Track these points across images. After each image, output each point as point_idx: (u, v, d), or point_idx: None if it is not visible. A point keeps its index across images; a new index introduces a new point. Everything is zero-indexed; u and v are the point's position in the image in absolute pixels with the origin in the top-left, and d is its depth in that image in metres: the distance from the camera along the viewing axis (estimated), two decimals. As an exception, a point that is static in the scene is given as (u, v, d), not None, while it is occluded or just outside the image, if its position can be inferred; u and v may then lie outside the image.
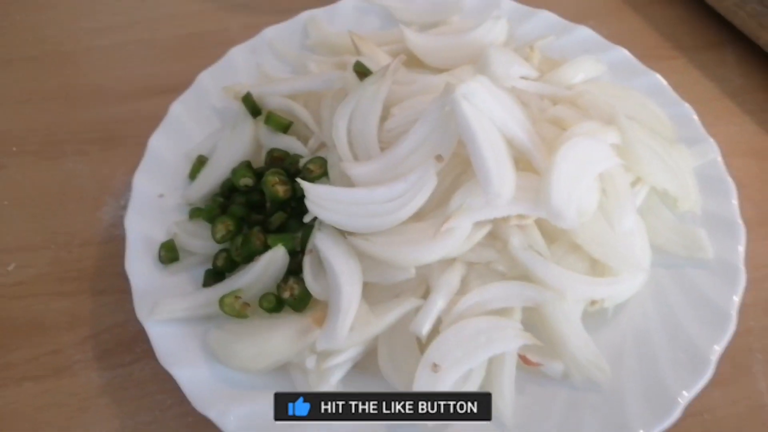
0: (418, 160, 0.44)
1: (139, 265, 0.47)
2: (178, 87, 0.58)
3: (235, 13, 0.71)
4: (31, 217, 0.56)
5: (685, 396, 0.42)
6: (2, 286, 0.52)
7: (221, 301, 0.44)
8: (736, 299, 0.46)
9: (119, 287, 0.48)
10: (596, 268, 0.46)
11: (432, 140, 0.44)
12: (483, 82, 0.44)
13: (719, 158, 0.52)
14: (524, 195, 0.43)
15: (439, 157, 0.44)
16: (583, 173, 0.44)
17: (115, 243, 0.52)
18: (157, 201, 0.51)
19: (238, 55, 0.60)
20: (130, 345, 0.48)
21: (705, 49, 0.67)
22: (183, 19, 0.71)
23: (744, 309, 0.50)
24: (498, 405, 0.42)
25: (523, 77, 0.53)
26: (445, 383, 0.41)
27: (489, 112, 0.43)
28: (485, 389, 0.43)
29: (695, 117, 0.55)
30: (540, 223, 0.45)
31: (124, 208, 0.50)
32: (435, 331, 0.42)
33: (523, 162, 0.46)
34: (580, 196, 0.43)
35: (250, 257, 0.45)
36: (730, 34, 0.67)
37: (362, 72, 0.49)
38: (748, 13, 0.63)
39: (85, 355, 0.48)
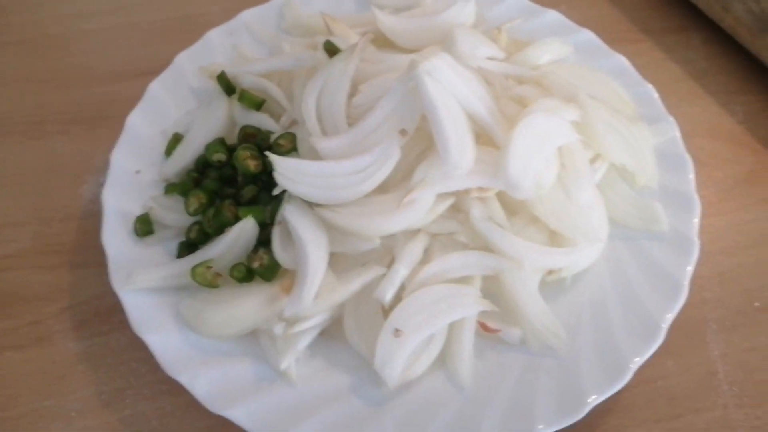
0: (383, 135, 0.46)
1: (116, 238, 0.49)
2: (158, 69, 0.60)
3: (216, -1, 0.73)
4: (15, 195, 0.57)
5: (637, 362, 0.44)
6: (-13, 258, 0.54)
7: (193, 270, 0.45)
8: (689, 269, 0.48)
9: (98, 261, 0.50)
10: (555, 239, 0.48)
11: (396, 115, 0.46)
12: (446, 60, 0.46)
13: (678, 136, 0.54)
14: (484, 168, 0.45)
15: (403, 132, 0.46)
16: (540, 147, 0.46)
17: (94, 218, 0.53)
18: (134, 177, 0.53)
19: (215, 37, 0.61)
20: (107, 315, 0.50)
21: (671, 32, 0.69)
22: (165, 4, 0.73)
23: (700, 281, 0.52)
24: (457, 368, 0.44)
25: (490, 58, 0.55)
26: (407, 348, 0.43)
27: (451, 88, 0.45)
28: (445, 354, 0.45)
29: (656, 96, 0.57)
30: (501, 197, 0.47)
31: (104, 185, 0.52)
32: (399, 299, 0.44)
33: (484, 137, 0.47)
34: (537, 169, 0.45)
35: (221, 229, 0.47)
36: (695, 18, 0.69)
37: (332, 51, 0.51)
38: (712, -2, 0.65)
39: (64, 325, 0.50)
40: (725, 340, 0.50)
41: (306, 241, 0.44)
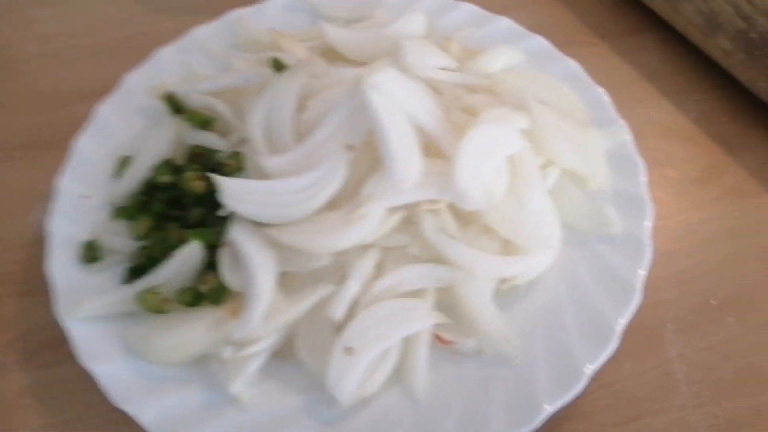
0: (330, 151, 0.45)
1: (62, 266, 0.48)
2: (107, 90, 0.59)
3: (167, 16, 0.72)
4: (-41, 223, 0.56)
5: (590, 368, 0.44)
6: (-70, 291, 0.52)
7: (138, 297, 0.45)
8: (642, 273, 0.48)
9: (45, 289, 0.49)
10: (508, 248, 0.48)
11: (343, 131, 0.45)
12: (392, 74, 0.45)
13: (629, 139, 0.54)
14: (433, 180, 0.45)
15: (350, 147, 0.45)
16: (489, 157, 0.45)
17: (41, 246, 0.52)
18: (81, 202, 0.52)
19: (165, 55, 0.61)
20: (56, 346, 0.49)
21: (625, 35, 0.69)
22: (114, 24, 0.72)
23: (656, 282, 0.53)
24: (412, 383, 0.44)
25: (441, 68, 0.54)
26: (359, 365, 0.42)
27: (398, 101, 0.45)
28: (400, 369, 0.44)
29: (608, 100, 0.57)
30: (453, 208, 0.47)
31: (49, 211, 0.51)
32: (352, 315, 0.44)
33: (434, 149, 0.47)
34: (486, 178, 0.45)
35: (168, 253, 0.46)
36: (649, 20, 0.70)
37: (279, 66, 0.51)
38: (662, -1, 0.65)
39: (10, 357, 0.49)
40: (682, 340, 0.50)
41: (253, 262, 0.43)
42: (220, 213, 0.45)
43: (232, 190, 0.44)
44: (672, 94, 0.65)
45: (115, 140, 0.55)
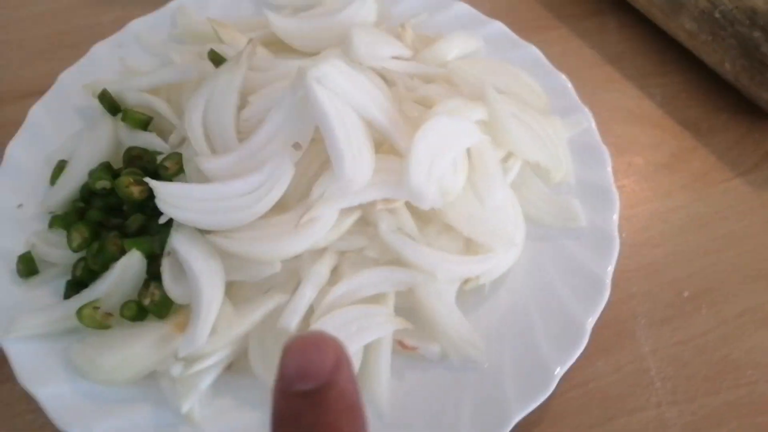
0: (275, 150, 0.42)
1: (-6, 288, 0.44)
2: (43, 89, 0.55)
3: (106, 7, 0.68)
4: None
5: (560, 370, 0.42)
6: None
7: (78, 312, 0.41)
8: (610, 269, 0.46)
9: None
10: (471, 246, 0.46)
11: (288, 128, 0.42)
12: (337, 65, 0.42)
13: (593, 127, 0.52)
14: (386, 178, 0.42)
15: (297, 145, 0.42)
16: (444, 152, 0.43)
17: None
18: (14, 212, 0.48)
19: (102, 51, 0.57)
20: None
21: (585, 17, 0.67)
22: (52, 17, 0.68)
23: (626, 275, 0.51)
24: (375, 393, 0.41)
25: (395, 57, 0.52)
26: (316, 377, 0.39)
27: (344, 95, 0.42)
28: (361, 378, 0.42)
29: (570, 86, 0.55)
30: (411, 206, 0.44)
31: (-19, 223, 0.47)
32: (307, 325, 0.41)
33: (387, 145, 0.45)
34: (442, 175, 0.43)
35: (107, 264, 0.43)
36: (610, 2, 0.68)
37: (218, 60, 0.47)
38: (623, -21, 0.63)
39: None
40: (655, 334, 0.49)
41: (198, 272, 0.40)
42: (161, 220, 0.42)
43: (170, 196, 0.41)
44: (636, 78, 0.63)
45: (50, 144, 0.52)
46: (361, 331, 0.41)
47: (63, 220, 0.46)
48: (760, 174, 0.57)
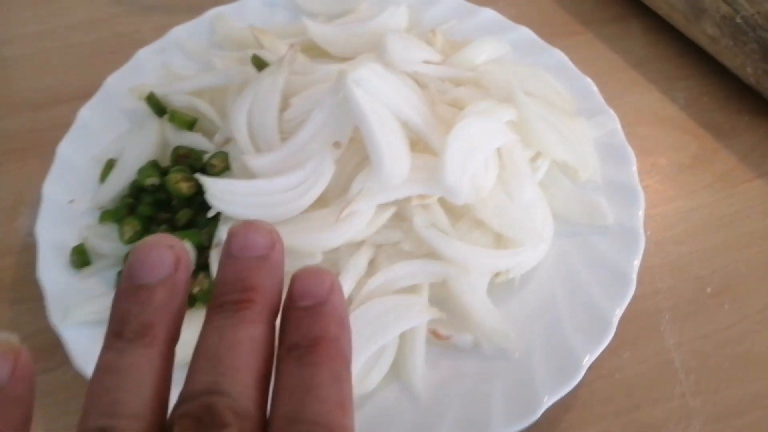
0: (316, 148, 0.45)
1: (52, 271, 0.47)
2: (90, 92, 0.58)
3: (146, 16, 0.71)
4: (-55, 230, 0.55)
5: (588, 359, 0.44)
6: None
7: (130, 301, 0.44)
8: (637, 263, 0.48)
9: (37, 295, 0.48)
10: (501, 241, 0.48)
11: (329, 127, 0.45)
12: (374, 69, 0.45)
13: (618, 128, 0.54)
14: (421, 175, 0.45)
15: (337, 144, 0.45)
16: (476, 151, 0.45)
17: (31, 252, 0.51)
18: (67, 207, 0.51)
19: (146, 56, 0.60)
20: (51, 350, 0.48)
21: (610, 23, 0.69)
22: (95, 25, 0.71)
23: (651, 271, 0.52)
24: (410, 379, 0.43)
25: (426, 61, 0.54)
26: (356, 363, 0.42)
27: (382, 97, 0.44)
28: (398, 365, 0.44)
29: (595, 89, 0.57)
30: (444, 202, 0.46)
31: (37, 217, 0.50)
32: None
33: (421, 144, 0.47)
34: (474, 172, 0.45)
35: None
36: (634, 7, 0.70)
37: (260, 64, 0.50)
38: (646, -14, 0.65)
39: (2, 366, 0.48)
40: (679, 329, 0.50)
41: (244, 263, 0.42)
42: (209, 214, 0.44)
43: (218, 191, 0.43)
44: (659, 81, 0.65)
45: (99, 143, 0.54)
46: (398, 320, 0.43)
47: (114, 215, 0.49)
48: (781, 175, 0.58)
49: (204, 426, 0.20)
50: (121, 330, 0.22)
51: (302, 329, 0.23)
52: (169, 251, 0.23)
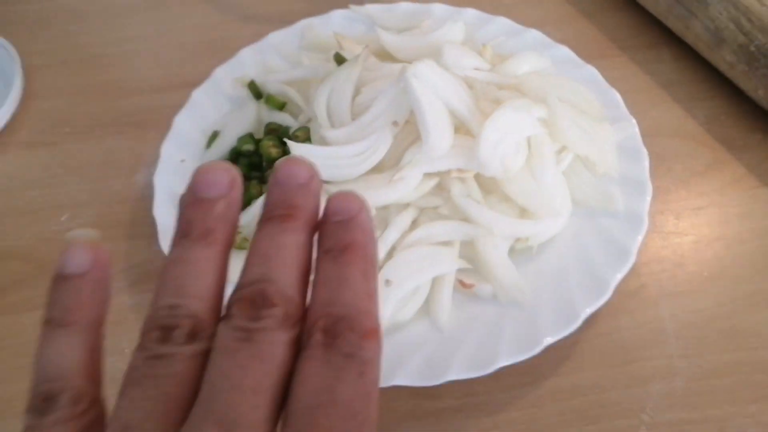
0: (378, 125, 0.56)
1: (165, 211, 0.60)
2: (199, 81, 0.71)
3: (246, 24, 0.85)
4: (80, 181, 0.69)
5: (587, 311, 0.53)
6: (58, 231, 0.65)
7: (225, 235, 0.56)
8: (639, 239, 0.56)
9: (148, 233, 0.61)
10: (524, 215, 0.58)
11: (390, 110, 0.56)
12: (430, 66, 0.56)
13: (637, 132, 0.63)
14: (462, 152, 0.55)
15: (395, 123, 0.56)
16: (508, 136, 0.55)
17: (146, 201, 0.64)
18: (180, 165, 0.64)
19: (247, 54, 0.73)
20: (154, 275, 0.61)
21: (644, 48, 0.78)
22: (205, 28, 0.85)
23: (657, 256, 0.61)
24: (438, 315, 0.53)
25: (475, 68, 0.65)
26: (396, 295, 0.52)
27: (433, 88, 0.55)
28: (429, 303, 0.54)
29: (621, 100, 0.66)
30: (479, 178, 0.57)
31: (155, 171, 0.63)
32: (390, 257, 0.54)
33: (464, 129, 0.58)
34: (504, 153, 0.55)
35: (249, 202, 0.57)
36: (666, 36, 0.78)
37: (340, 60, 0.62)
38: (675, 16, 0.74)
39: (120, 283, 0.61)
40: (675, 303, 0.58)
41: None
42: (290, 172, 0.56)
43: (300, 153, 0.55)
44: (683, 101, 0.73)
45: (207, 119, 0.68)
46: (432, 266, 0.54)
47: (216, 172, 0.62)
48: (784, 186, 0.66)
49: (256, 306, 0.24)
50: (187, 232, 0.26)
51: (336, 237, 0.26)
52: (225, 173, 0.27)
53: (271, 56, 0.73)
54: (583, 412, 0.53)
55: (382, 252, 0.54)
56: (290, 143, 0.55)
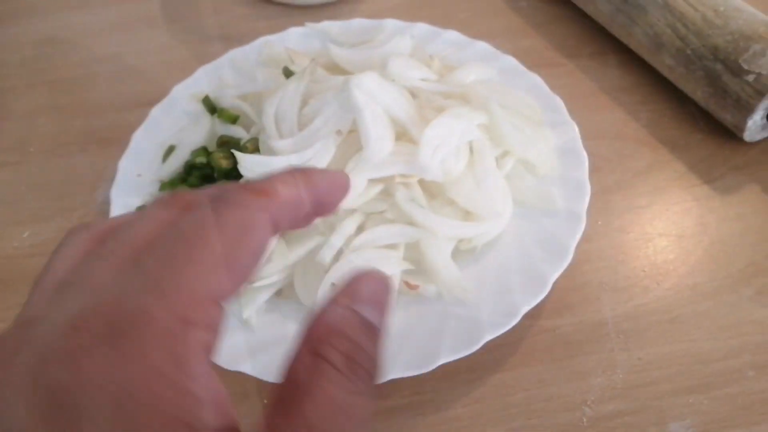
0: (323, 135, 0.58)
1: (120, 225, 0.62)
2: (159, 99, 0.74)
3: (209, 43, 0.88)
4: (42, 198, 0.71)
5: (526, 308, 0.55)
6: (19, 248, 0.67)
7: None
8: (577, 238, 0.59)
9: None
10: (468, 217, 0.60)
11: (334, 120, 0.58)
12: (372, 76, 0.59)
13: (577, 136, 0.66)
14: (404, 159, 0.57)
15: (339, 132, 0.58)
16: (447, 141, 0.58)
17: (105, 215, 0.66)
18: (136, 179, 0.66)
19: (204, 71, 0.76)
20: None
21: (591, 56, 0.81)
22: (165, 49, 0.88)
23: (598, 252, 0.63)
24: (384, 316, 0.55)
25: (423, 79, 0.67)
26: (341, 298, 0.54)
27: (375, 97, 0.58)
28: (375, 305, 0.56)
29: (563, 106, 0.69)
30: (423, 183, 0.59)
31: (112, 186, 0.65)
32: (336, 261, 0.56)
33: (407, 136, 0.60)
34: (445, 158, 0.58)
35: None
36: (612, 43, 0.82)
37: (288, 74, 0.64)
38: (619, 24, 0.77)
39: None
40: (615, 298, 0.60)
41: (262, 217, 0.56)
42: (241, 182, 0.58)
43: (248, 163, 0.57)
44: (627, 105, 0.76)
45: (164, 135, 0.70)
46: (378, 267, 0.55)
47: (170, 185, 0.64)
48: (724, 182, 0.68)
49: None
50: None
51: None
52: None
53: (228, 72, 0.76)
54: (526, 406, 0.55)
55: (328, 256, 0.56)
56: (238, 154, 0.57)
